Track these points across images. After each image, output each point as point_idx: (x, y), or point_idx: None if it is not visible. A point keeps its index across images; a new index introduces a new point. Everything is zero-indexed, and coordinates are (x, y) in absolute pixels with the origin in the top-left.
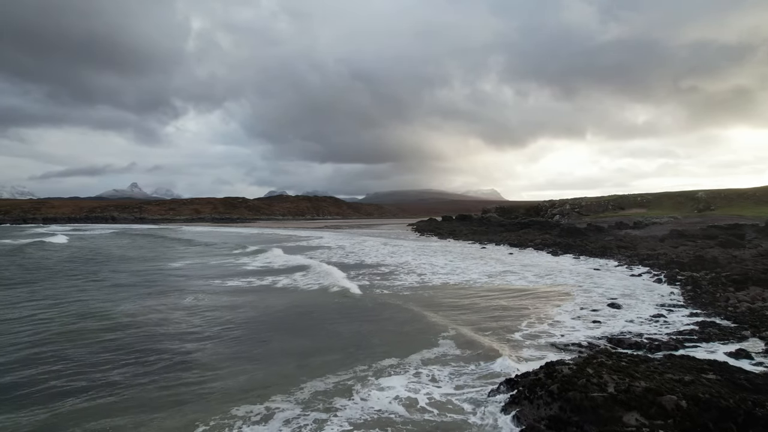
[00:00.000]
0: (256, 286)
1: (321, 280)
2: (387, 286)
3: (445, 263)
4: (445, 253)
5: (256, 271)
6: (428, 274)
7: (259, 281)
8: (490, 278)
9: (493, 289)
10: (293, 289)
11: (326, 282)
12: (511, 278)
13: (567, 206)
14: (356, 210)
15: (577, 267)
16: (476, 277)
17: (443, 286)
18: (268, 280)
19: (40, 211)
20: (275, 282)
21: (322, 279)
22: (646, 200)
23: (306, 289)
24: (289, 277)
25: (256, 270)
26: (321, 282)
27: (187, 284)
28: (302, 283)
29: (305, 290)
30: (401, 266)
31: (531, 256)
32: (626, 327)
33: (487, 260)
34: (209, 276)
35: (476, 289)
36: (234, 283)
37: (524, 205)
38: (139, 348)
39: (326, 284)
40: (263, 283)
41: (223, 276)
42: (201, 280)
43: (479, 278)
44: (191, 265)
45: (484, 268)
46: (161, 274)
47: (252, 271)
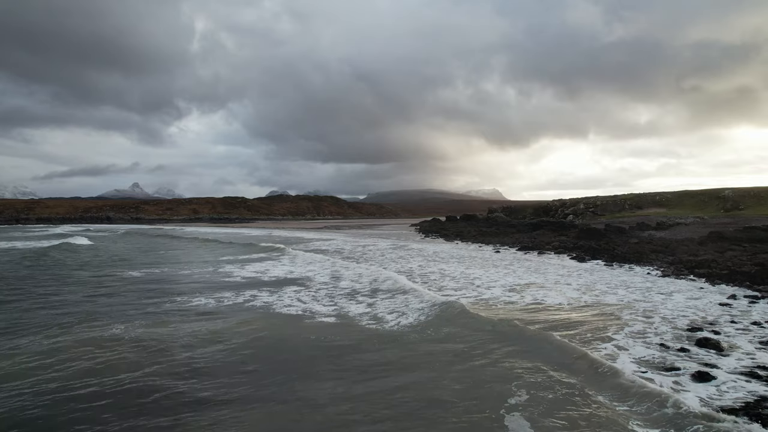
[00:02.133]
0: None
1: (410, 297)
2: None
3: (461, 272)
4: (457, 259)
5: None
6: (447, 289)
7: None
8: (517, 294)
9: (525, 309)
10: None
11: (419, 296)
12: (543, 294)
13: (581, 206)
14: (357, 210)
15: (616, 277)
16: (499, 293)
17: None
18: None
19: (33, 211)
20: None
21: (407, 295)
22: (665, 199)
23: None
24: (385, 299)
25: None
26: (407, 295)
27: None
28: (390, 307)
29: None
30: (409, 274)
31: (554, 263)
32: (751, 387)
33: (505, 267)
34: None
35: (505, 309)
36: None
37: (532, 205)
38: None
39: (427, 300)
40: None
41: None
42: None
43: (502, 294)
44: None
45: (505, 279)
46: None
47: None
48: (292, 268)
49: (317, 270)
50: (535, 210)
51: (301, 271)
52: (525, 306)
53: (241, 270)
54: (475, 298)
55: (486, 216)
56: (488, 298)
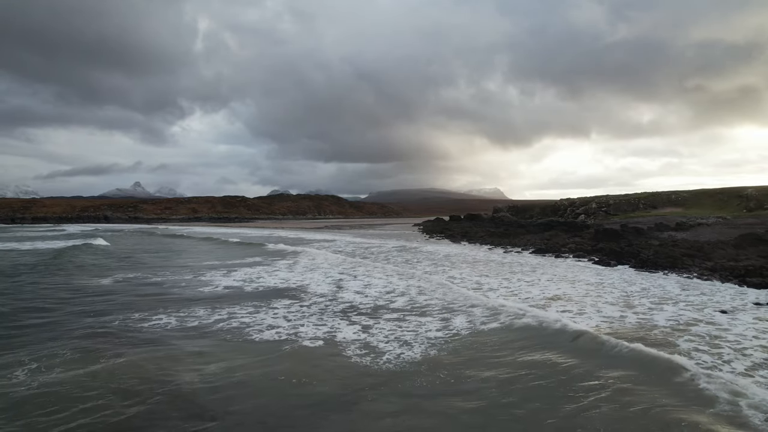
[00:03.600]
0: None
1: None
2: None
3: (475, 280)
4: (469, 263)
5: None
6: (453, 306)
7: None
8: (542, 311)
9: (551, 335)
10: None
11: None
12: (577, 309)
13: (593, 205)
14: (359, 209)
15: (654, 287)
16: (520, 308)
17: (478, 332)
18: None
19: (30, 211)
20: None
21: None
22: (682, 198)
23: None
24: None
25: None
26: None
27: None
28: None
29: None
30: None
31: (577, 269)
32: None
33: (524, 274)
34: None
35: (528, 338)
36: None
37: (539, 204)
38: None
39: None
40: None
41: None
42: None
43: (526, 311)
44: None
45: (528, 291)
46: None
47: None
48: (287, 275)
49: (315, 278)
50: (543, 209)
51: (297, 279)
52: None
53: (226, 278)
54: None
55: (491, 216)
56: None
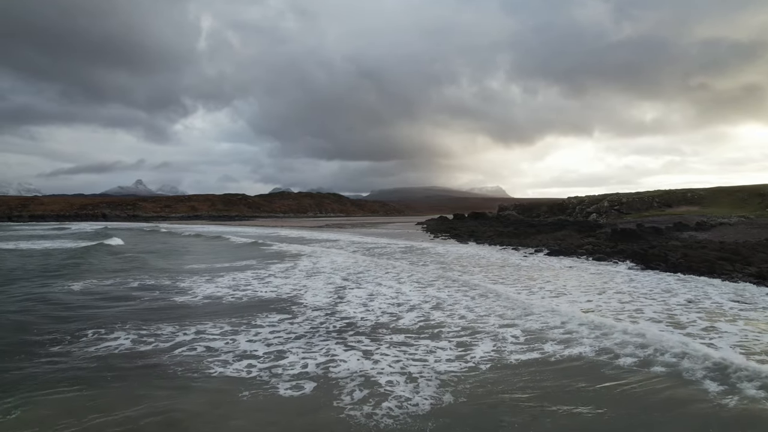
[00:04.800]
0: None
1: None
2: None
3: (489, 288)
4: (481, 267)
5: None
6: (478, 326)
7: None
8: (594, 336)
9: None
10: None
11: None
12: (617, 334)
13: (605, 203)
14: (360, 207)
15: (701, 299)
16: (557, 343)
17: (506, 364)
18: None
19: (27, 209)
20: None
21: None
22: (698, 196)
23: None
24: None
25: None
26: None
27: None
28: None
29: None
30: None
31: (602, 274)
32: None
33: (544, 281)
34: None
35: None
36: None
37: (546, 203)
38: None
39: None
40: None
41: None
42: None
43: (610, 326)
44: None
45: (557, 302)
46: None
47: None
48: (280, 282)
49: (312, 286)
50: (550, 208)
51: (291, 287)
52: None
53: (209, 284)
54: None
55: (496, 214)
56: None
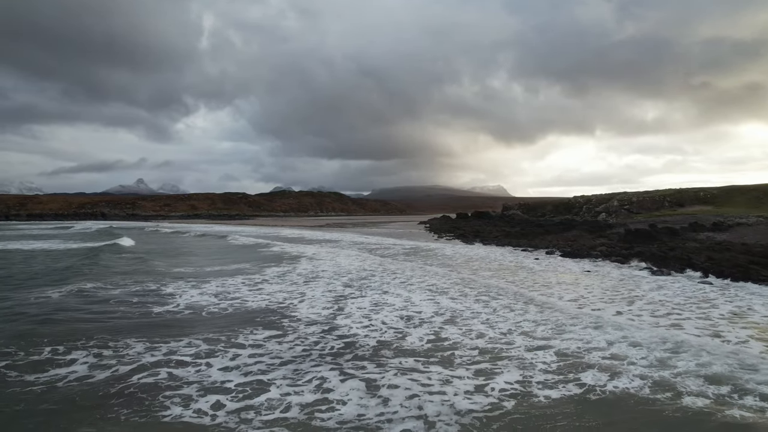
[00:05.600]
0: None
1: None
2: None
3: (520, 306)
4: (492, 271)
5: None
6: (499, 346)
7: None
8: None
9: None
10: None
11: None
12: (676, 360)
13: (614, 203)
14: (361, 206)
15: (751, 311)
16: (597, 355)
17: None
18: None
19: (25, 207)
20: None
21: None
22: (711, 195)
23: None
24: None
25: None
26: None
27: None
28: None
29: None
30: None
31: (624, 279)
32: None
33: (565, 288)
34: None
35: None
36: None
37: (551, 202)
38: None
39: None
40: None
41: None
42: None
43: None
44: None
45: (582, 318)
46: None
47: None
48: (274, 289)
49: (309, 294)
50: (556, 207)
51: (285, 294)
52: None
53: (194, 290)
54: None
55: (500, 213)
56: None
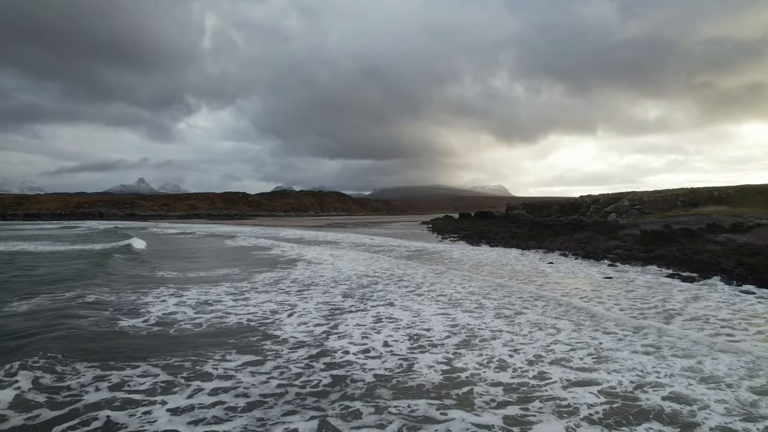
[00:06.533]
0: None
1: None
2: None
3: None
4: (508, 278)
5: None
6: (529, 381)
7: None
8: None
9: None
10: None
11: None
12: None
13: (625, 202)
14: (362, 206)
15: None
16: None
17: None
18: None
19: (23, 207)
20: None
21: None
22: (726, 195)
23: None
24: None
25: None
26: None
27: None
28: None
29: None
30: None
31: (660, 291)
32: None
33: (584, 299)
34: None
35: None
36: None
37: (557, 202)
38: None
39: None
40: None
41: None
42: None
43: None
44: None
45: (639, 343)
46: None
47: None
48: (261, 300)
49: (300, 306)
50: (562, 207)
51: (273, 306)
52: None
53: (174, 299)
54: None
55: (505, 213)
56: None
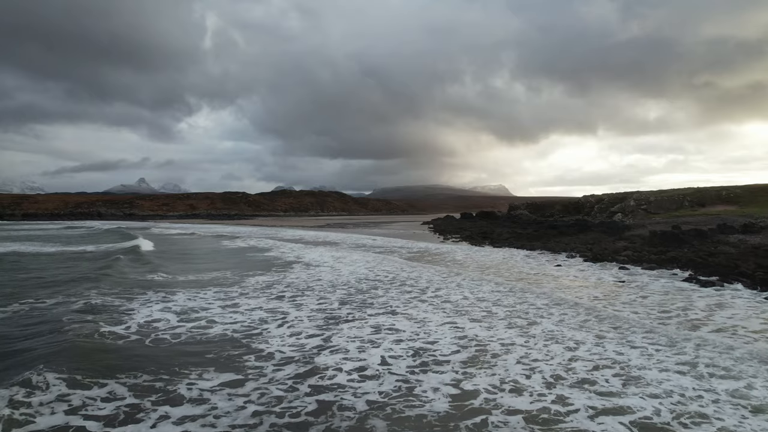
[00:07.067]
0: None
1: None
2: None
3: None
4: (516, 282)
5: None
6: (551, 406)
7: None
8: None
9: None
10: None
11: None
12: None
13: (631, 202)
14: (363, 206)
15: None
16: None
17: None
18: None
19: (20, 207)
20: None
21: None
22: (734, 195)
23: None
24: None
25: None
26: None
27: None
28: None
29: None
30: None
31: (679, 297)
32: None
33: (607, 307)
34: None
35: None
36: None
37: (560, 201)
38: None
39: None
40: None
41: None
42: None
43: None
44: None
45: (671, 363)
46: None
47: None
48: (251, 306)
49: (293, 315)
50: (565, 207)
51: (261, 314)
52: None
53: (160, 305)
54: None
55: (507, 213)
56: None
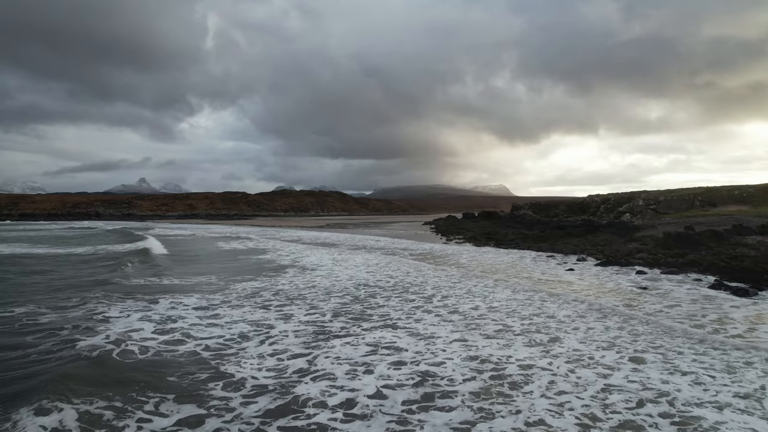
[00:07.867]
0: None
1: None
2: None
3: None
4: (530, 289)
5: None
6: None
7: None
8: None
9: None
10: None
11: None
12: None
13: (639, 202)
14: (363, 206)
15: None
16: None
17: None
18: None
19: (18, 207)
20: None
21: None
22: (747, 194)
23: None
24: None
25: None
26: None
27: None
28: None
29: None
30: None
31: (710, 306)
32: None
33: (633, 316)
34: None
35: None
36: None
37: (564, 201)
38: None
39: None
40: None
41: None
42: None
43: None
44: None
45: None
46: None
47: None
48: (234, 316)
49: (279, 328)
50: (569, 207)
51: (245, 327)
52: None
53: (137, 314)
54: None
55: (510, 214)
56: None
